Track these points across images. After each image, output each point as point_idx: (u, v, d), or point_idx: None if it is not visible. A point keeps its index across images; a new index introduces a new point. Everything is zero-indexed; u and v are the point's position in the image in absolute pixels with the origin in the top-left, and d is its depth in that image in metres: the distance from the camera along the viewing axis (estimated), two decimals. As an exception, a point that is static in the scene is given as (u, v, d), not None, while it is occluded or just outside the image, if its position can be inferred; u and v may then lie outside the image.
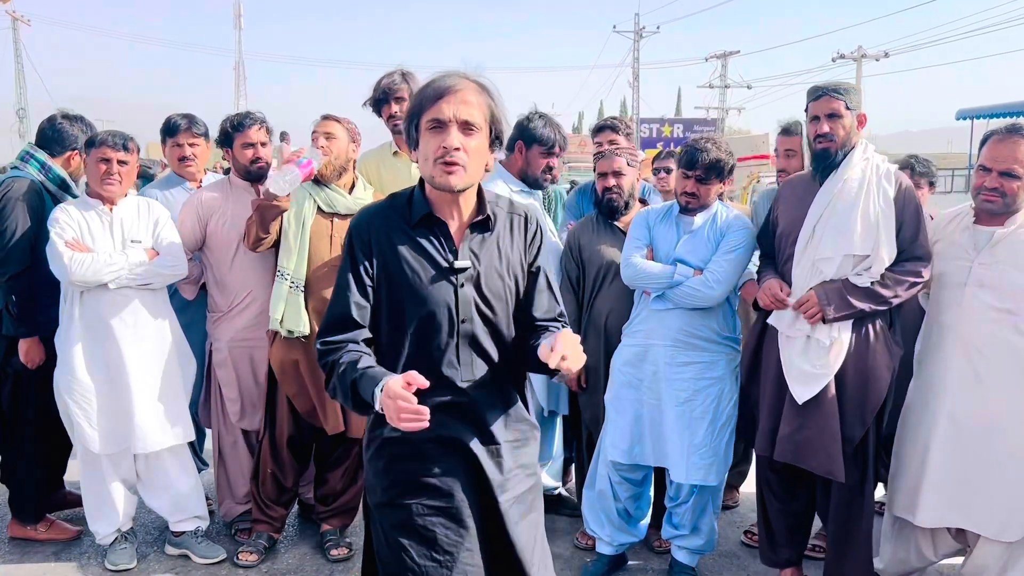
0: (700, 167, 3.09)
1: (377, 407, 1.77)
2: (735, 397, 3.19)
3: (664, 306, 3.11)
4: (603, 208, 3.46)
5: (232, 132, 3.52)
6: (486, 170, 1.99)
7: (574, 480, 3.90)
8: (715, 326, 3.15)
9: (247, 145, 3.52)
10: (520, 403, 2.11)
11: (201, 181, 3.92)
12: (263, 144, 3.55)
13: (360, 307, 1.96)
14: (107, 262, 3.16)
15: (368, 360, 1.89)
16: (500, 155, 2.03)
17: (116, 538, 3.43)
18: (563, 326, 2.08)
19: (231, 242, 3.49)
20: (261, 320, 3.50)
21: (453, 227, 1.97)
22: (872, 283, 2.84)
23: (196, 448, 4.05)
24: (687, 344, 3.11)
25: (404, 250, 1.94)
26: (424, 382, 1.74)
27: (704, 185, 3.12)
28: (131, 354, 3.25)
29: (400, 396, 1.71)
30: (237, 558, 3.47)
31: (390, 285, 1.94)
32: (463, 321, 1.95)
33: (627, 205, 3.44)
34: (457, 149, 1.85)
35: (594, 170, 3.54)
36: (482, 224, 1.99)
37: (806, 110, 3.01)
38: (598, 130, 4.10)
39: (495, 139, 1.95)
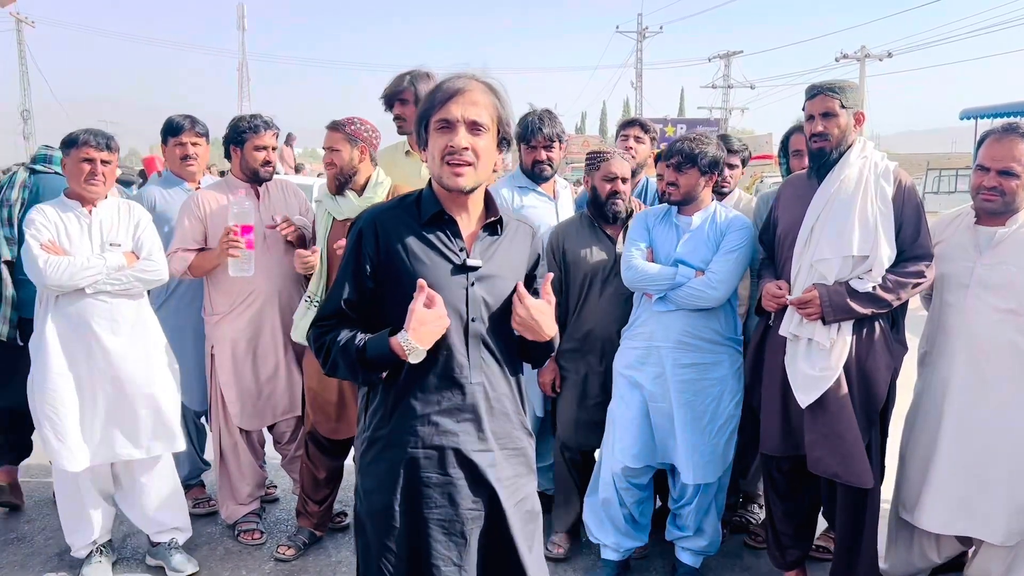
0: (675, 154, 3.10)
1: (407, 347, 1.83)
2: (738, 397, 3.18)
3: (666, 308, 3.10)
4: (605, 213, 3.38)
5: (248, 133, 3.53)
6: (494, 171, 2.00)
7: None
8: (717, 327, 3.14)
9: (260, 148, 3.54)
10: (521, 409, 2.11)
11: (200, 182, 3.95)
12: (273, 148, 3.61)
13: (353, 302, 1.97)
14: (84, 265, 3.03)
15: (363, 335, 1.93)
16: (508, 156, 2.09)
17: (91, 552, 3.32)
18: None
19: None
20: (263, 319, 3.55)
21: (463, 226, 1.97)
22: (874, 287, 2.80)
23: (197, 449, 4.07)
24: (690, 345, 3.10)
25: (414, 247, 1.93)
26: (433, 293, 1.85)
27: (681, 174, 3.10)
28: (109, 362, 3.11)
29: (427, 316, 1.83)
30: (276, 551, 3.52)
31: (398, 281, 1.92)
32: (473, 319, 1.95)
33: (630, 213, 3.40)
34: (465, 149, 1.87)
35: (590, 168, 3.44)
36: (492, 226, 2.01)
37: (803, 108, 2.99)
38: (627, 124, 4.06)
39: (502, 140, 1.97)
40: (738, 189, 3.83)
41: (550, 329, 2.00)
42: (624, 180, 3.36)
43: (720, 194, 3.73)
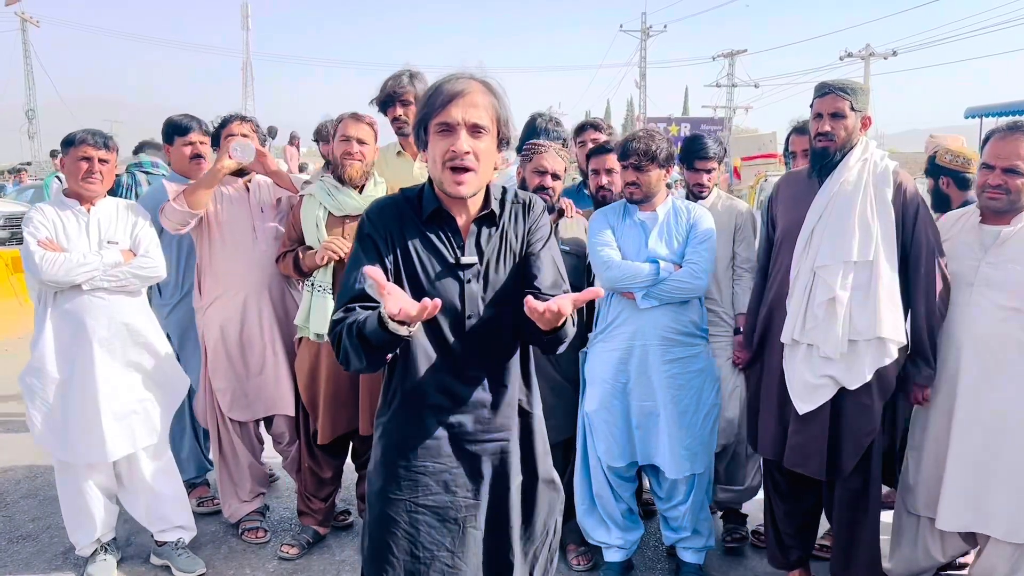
0: (633, 154, 3.09)
1: (391, 326, 1.68)
2: (717, 385, 3.21)
3: (650, 304, 3.08)
4: None
5: (219, 130, 3.63)
6: (495, 169, 1.99)
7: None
8: (696, 319, 3.16)
9: (229, 137, 3.58)
10: (526, 397, 2.11)
11: None
12: (244, 136, 3.60)
13: (372, 285, 1.89)
14: (80, 262, 3.06)
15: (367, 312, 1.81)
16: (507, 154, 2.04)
17: (96, 549, 3.33)
18: None
19: (223, 230, 3.53)
20: (249, 308, 3.56)
21: (462, 223, 1.98)
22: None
23: (203, 449, 4.07)
24: (674, 341, 3.10)
25: (414, 244, 1.95)
26: (427, 303, 1.63)
27: (642, 173, 3.10)
28: (102, 360, 3.14)
29: (402, 310, 1.63)
30: (280, 549, 3.52)
31: (399, 277, 1.94)
32: (469, 317, 1.96)
33: (560, 213, 3.40)
34: (467, 153, 1.85)
35: (524, 158, 3.40)
36: (488, 218, 2.00)
37: (811, 105, 2.97)
38: (581, 129, 4.03)
39: (502, 140, 1.96)
40: (716, 188, 3.70)
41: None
42: (555, 176, 3.34)
43: (699, 199, 3.68)
